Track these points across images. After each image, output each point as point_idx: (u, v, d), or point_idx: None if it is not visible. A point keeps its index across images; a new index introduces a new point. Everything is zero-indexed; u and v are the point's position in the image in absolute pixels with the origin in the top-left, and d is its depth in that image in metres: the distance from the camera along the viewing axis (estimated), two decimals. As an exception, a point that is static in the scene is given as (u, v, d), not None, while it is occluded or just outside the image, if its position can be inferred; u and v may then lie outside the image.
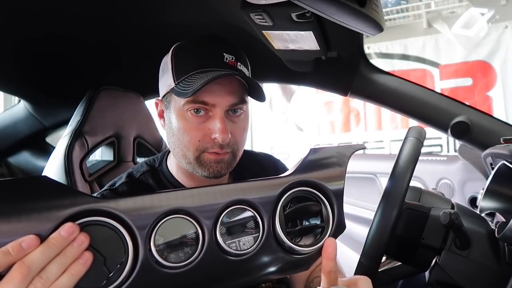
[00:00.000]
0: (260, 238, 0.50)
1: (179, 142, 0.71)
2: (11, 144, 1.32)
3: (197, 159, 0.70)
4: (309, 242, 0.53)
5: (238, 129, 0.72)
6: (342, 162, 0.57)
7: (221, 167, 0.71)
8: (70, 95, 1.17)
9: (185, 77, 0.68)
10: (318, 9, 0.50)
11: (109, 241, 0.43)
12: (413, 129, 0.71)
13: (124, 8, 0.89)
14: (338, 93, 1.20)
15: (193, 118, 0.69)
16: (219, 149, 0.69)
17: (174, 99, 0.71)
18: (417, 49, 3.04)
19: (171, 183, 0.78)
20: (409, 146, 0.68)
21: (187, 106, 0.69)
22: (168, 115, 0.74)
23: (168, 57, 0.73)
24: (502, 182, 0.83)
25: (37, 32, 0.92)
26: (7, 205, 0.39)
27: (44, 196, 0.41)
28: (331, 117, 3.37)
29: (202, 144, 0.69)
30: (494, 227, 0.69)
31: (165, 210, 0.46)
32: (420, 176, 1.62)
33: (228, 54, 0.70)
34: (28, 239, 0.39)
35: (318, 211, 0.54)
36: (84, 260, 0.40)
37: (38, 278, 0.39)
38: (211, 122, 0.69)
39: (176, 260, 0.46)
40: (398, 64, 3.10)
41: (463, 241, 0.66)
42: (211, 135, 0.69)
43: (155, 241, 0.45)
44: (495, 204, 0.83)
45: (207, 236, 0.47)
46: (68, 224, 0.40)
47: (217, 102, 0.68)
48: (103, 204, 0.43)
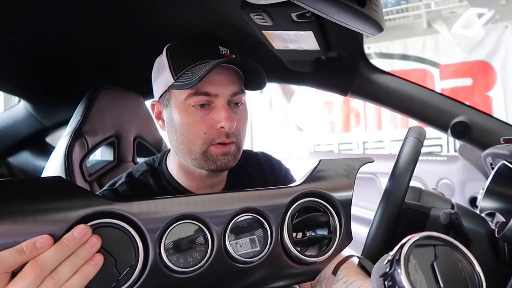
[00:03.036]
0: (268, 246, 0.51)
1: (184, 137, 0.71)
2: (11, 144, 1.32)
3: (204, 154, 0.70)
4: (316, 253, 0.53)
5: (240, 120, 0.73)
6: (350, 174, 0.58)
7: (228, 159, 0.71)
8: (70, 95, 1.17)
9: (184, 71, 0.69)
10: (318, 9, 0.50)
11: (120, 243, 0.43)
12: (413, 129, 0.72)
13: (124, 8, 0.89)
14: (338, 93, 1.20)
15: (196, 111, 0.69)
16: (225, 138, 0.69)
17: (174, 95, 0.71)
18: (417, 49, 3.04)
19: (170, 183, 0.78)
20: (409, 146, 0.68)
21: (190, 100, 0.69)
22: (169, 112, 0.74)
23: (162, 57, 0.73)
24: (502, 182, 0.83)
25: (37, 34, 0.92)
26: (23, 204, 0.40)
27: (59, 197, 0.42)
28: (331, 117, 3.37)
29: (208, 136, 0.69)
30: (494, 227, 0.69)
31: (177, 215, 0.46)
32: (420, 176, 1.62)
33: (223, 47, 0.71)
34: (42, 238, 0.39)
35: (326, 222, 0.54)
36: (95, 262, 0.41)
37: (50, 278, 0.39)
38: (215, 113, 0.69)
39: (185, 265, 0.46)
40: (398, 64, 3.10)
41: (463, 241, 0.66)
42: (217, 125, 0.69)
43: (165, 245, 0.45)
44: (495, 204, 0.83)
45: (216, 242, 0.48)
46: (81, 226, 0.41)
47: (220, 92, 0.69)
48: (116, 206, 0.44)
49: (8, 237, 0.38)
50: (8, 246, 0.38)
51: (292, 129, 3.50)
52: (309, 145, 3.41)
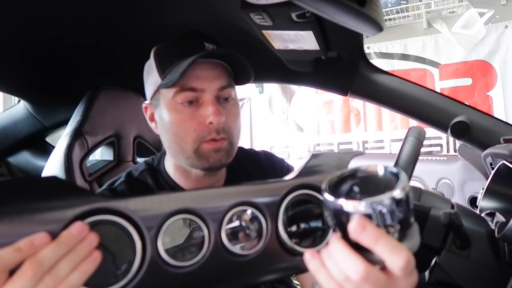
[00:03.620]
0: (263, 239, 0.51)
1: (174, 136, 0.71)
2: (11, 144, 1.32)
3: (196, 152, 0.70)
4: (310, 244, 0.54)
5: (231, 115, 0.72)
6: (342, 166, 0.59)
7: (220, 155, 0.71)
8: (70, 95, 1.17)
9: (169, 69, 0.69)
10: (318, 9, 0.50)
11: (118, 239, 0.43)
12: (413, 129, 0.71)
13: (124, 8, 0.89)
14: (338, 93, 1.20)
15: (184, 109, 0.69)
16: (216, 134, 0.69)
17: (163, 95, 0.71)
18: (417, 49, 3.04)
19: (168, 183, 0.78)
20: (409, 146, 0.68)
21: (177, 98, 0.69)
22: (159, 112, 0.74)
23: (150, 59, 0.74)
24: (502, 182, 0.83)
25: (37, 34, 0.92)
26: (20, 203, 0.40)
27: (56, 195, 0.42)
28: (331, 117, 3.37)
29: (199, 133, 0.69)
30: (494, 227, 0.69)
31: (173, 210, 0.47)
32: (420, 176, 1.62)
33: (209, 43, 0.70)
34: (40, 236, 0.39)
35: (319, 214, 0.55)
36: (94, 259, 0.41)
37: (49, 275, 0.39)
38: (203, 109, 0.69)
39: (182, 259, 0.47)
40: (398, 64, 3.09)
41: (463, 241, 0.66)
42: (205, 121, 0.69)
43: (162, 240, 0.46)
44: (495, 204, 0.83)
45: (213, 236, 0.48)
46: (78, 223, 0.41)
47: (206, 87, 0.69)
48: (113, 203, 0.44)
49: (5, 237, 0.38)
50: (5, 245, 0.38)
51: (292, 129, 3.49)
52: (309, 145, 3.41)
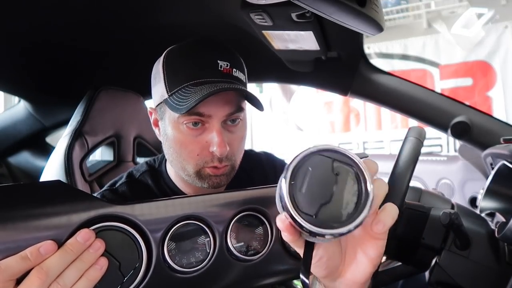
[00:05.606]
0: (268, 243, 0.52)
1: (177, 155, 0.70)
2: (11, 144, 1.32)
3: (197, 173, 0.70)
4: None
5: (236, 139, 0.71)
6: None
7: (220, 179, 0.70)
8: (70, 95, 1.17)
9: (178, 89, 0.66)
10: (318, 9, 0.50)
11: (124, 246, 0.43)
12: (413, 129, 0.71)
13: (124, 8, 0.88)
14: (338, 93, 1.20)
15: (189, 131, 0.67)
16: (218, 163, 0.68)
17: (168, 111, 0.69)
18: (417, 49, 3.04)
19: (168, 186, 0.78)
20: (409, 146, 0.67)
21: (183, 119, 0.67)
22: (163, 126, 0.72)
23: (159, 64, 0.70)
24: (502, 182, 0.83)
25: (37, 34, 0.92)
26: (25, 209, 0.39)
27: (61, 201, 0.41)
28: (331, 117, 3.37)
29: (201, 158, 0.68)
30: (494, 227, 0.69)
31: (178, 216, 0.47)
32: (420, 176, 1.62)
33: (223, 61, 0.66)
34: (46, 244, 0.39)
35: None
36: (100, 266, 0.41)
37: (56, 284, 0.39)
38: (208, 135, 0.67)
39: (188, 265, 0.47)
40: (398, 64, 3.10)
41: (463, 241, 0.66)
42: (209, 148, 0.67)
43: (168, 246, 0.46)
44: (495, 204, 0.83)
45: (219, 241, 0.49)
46: (84, 230, 0.41)
47: (213, 113, 0.66)
48: (118, 209, 0.44)
49: (10, 243, 0.38)
50: (10, 252, 0.38)
51: (292, 129, 3.50)
52: (309, 145, 3.41)
